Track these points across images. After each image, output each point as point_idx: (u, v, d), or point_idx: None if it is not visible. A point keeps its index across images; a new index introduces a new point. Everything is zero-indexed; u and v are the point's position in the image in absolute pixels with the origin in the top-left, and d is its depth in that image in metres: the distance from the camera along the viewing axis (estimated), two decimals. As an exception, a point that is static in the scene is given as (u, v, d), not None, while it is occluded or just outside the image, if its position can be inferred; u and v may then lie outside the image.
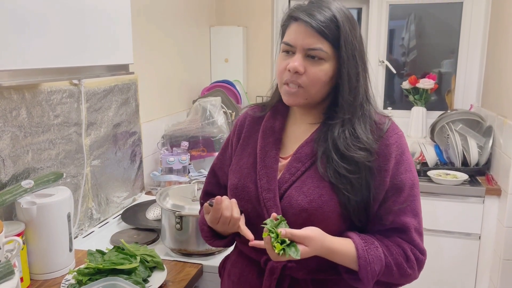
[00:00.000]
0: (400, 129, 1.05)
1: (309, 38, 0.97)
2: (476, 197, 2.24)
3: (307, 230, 0.93)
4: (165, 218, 1.46)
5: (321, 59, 0.98)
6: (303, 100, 1.02)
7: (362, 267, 0.95)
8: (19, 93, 1.33)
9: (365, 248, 0.96)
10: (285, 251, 0.89)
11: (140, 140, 2.05)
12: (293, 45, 0.99)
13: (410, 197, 1.00)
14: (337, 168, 0.97)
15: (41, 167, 1.43)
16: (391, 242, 1.00)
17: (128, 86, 1.92)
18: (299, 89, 1.00)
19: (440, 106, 2.90)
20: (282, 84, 1.03)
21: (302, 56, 0.99)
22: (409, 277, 1.01)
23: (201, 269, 1.40)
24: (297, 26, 0.99)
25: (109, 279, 1.11)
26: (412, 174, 1.02)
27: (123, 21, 1.42)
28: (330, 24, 0.97)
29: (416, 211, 1.01)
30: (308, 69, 0.98)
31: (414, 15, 2.98)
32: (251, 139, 1.13)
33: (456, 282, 2.34)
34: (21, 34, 1.05)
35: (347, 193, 0.97)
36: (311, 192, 0.98)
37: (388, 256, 0.98)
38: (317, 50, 0.97)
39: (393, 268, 0.98)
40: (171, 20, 2.39)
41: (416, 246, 1.01)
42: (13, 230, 1.19)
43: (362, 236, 0.99)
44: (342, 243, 0.97)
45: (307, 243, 0.91)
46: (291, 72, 0.99)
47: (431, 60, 3.02)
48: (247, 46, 3.01)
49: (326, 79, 1.00)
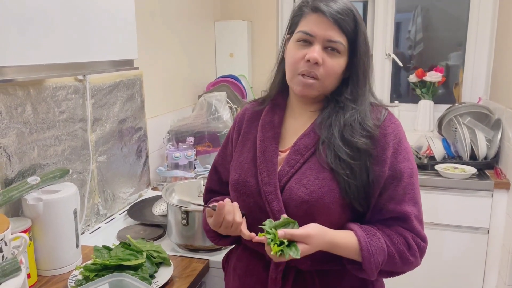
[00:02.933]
0: (397, 118, 1.06)
1: (330, 30, 0.98)
2: (485, 191, 2.22)
3: (307, 229, 0.93)
4: (171, 214, 1.46)
5: (338, 52, 1.00)
6: (316, 92, 1.03)
7: (365, 259, 0.96)
8: (24, 89, 1.33)
9: (367, 240, 0.96)
10: (284, 252, 0.89)
11: (146, 136, 2.05)
12: (313, 35, 0.99)
13: (409, 185, 1.01)
14: (339, 152, 0.98)
15: (47, 164, 1.43)
16: (393, 231, 1.00)
17: (133, 82, 1.91)
18: (315, 81, 1.01)
19: (448, 99, 2.87)
20: (296, 75, 1.02)
21: (320, 47, 0.99)
22: (412, 264, 1.01)
23: (207, 264, 1.40)
24: (317, 17, 0.99)
25: (116, 275, 1.11)
26: (410, 163, 1.02)
27: (127, 17, 1.41)
28: (349, 19, 0.99)
29: (416, 199, 1.02)
30: (326, 61, 1.00)
31: (421, 7, 2.95)
32: (250, 134, 1.13)
33: (465, 276, 2.33)
34: (25, 31, 1.04)
35: (347, 178, 0.97)
36: (311, 183, 0.99)
37: (390, 246, 0.98)
38: (337, 43, 0.99)
39: (395, 257, 0.98)
40: (175, 15, 2.38)
41: (417, 234, 1.01)
42: (20, 226, 1.20)
43: (364, 228, 0.99)
44: (344, 236, 0.97)
45: (307, 241, 0.92)
46: (310, 63, 0.99)
47: (438, 53, 2.98)
48: (252, 40, 2.99)
49: (340, 72, 1.02)
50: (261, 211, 1.03)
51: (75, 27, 1.19)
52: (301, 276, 1.04)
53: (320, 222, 0.97)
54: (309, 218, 0.98)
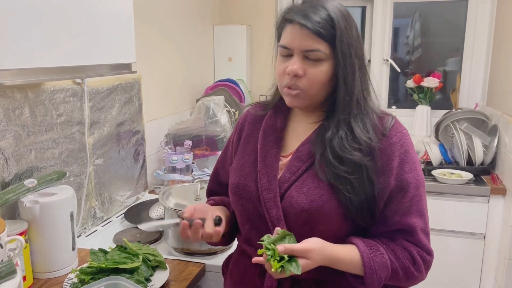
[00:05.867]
0: (404, 127, 1.03)
1: (305, 40, 0.95)
2: (481, 197, 2.22)
3: (308, 243, 0.92)
4: (168, 217, 1.46)
5: (319, 60, 0.96)
6: (306, 101, 1.01)
7: (367, 275, 0.94)
8: (22, 92, 1.33)
9: (370, 256, 0.94)
10: (284, 268, 0.87)
11: (144, 139, 2.05)
12: (290, 47, 0.97)
13: (415, 197, 0.98)
14: (335, 170, 0.95)
15: (44, 166, 1.43)
16: (397, 245, 0.98)
17: (132, 85, 1.92)
18: (300, 91, 0.99)
19: (445, 105, 2.88)
20: (283, 88, 1.01)
21: (300, 59, 0.97)
22: (416, 279, 1.00)
23: (203, 268, 1.40)
24: (292, 29, 0.97)
25: (112, 278, 1.11)
26: (417, 173, 1.00)
27: (125, 20, 1.42)
28: (326, 24, 0.94)
29: (422, 211, 1.00)
30: (307, 71, 0.97)
31: (419, 13, 2.96)
32: (252, 138, 1.12)
33: (461, 281, 2.33)
34: (23, 33, 1.05)
35: (347, 193, 0.95)
36: (312, 192, 0.97)
37: (394, 261, 0.96)
38: (314, 51, 0.95)
39: (399, 273, 0.97)
40: (174, 19, 2.39)
41: (423, 247, 0.99)
42: (16, 229, 1.20)
43: (367, 242, 0.97)
44: (346, 251, 0.95)
45: (308, 256, 0.90)
46: (291, 75, 0.97)
47: (436, 58, 3.00)
48: (251, 45, 3.00)
49: (325, 80, 0.98)
50: (260, 218, 1.02)
51: (73, 30, 1.19)
52: (297, 284, 1.02)
53: (320, 231, 0.96)
54: (309, 227, 0.97)
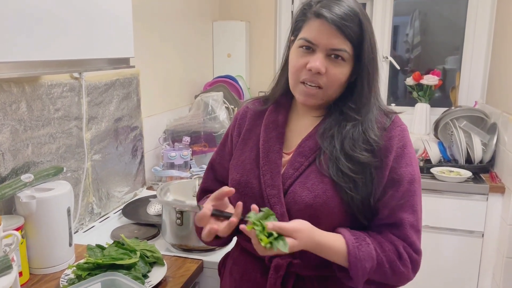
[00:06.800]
0: (403, 122, 1.03)
1: (334, 38, 0.94)
2: (480, 195, 2.22)
3: (296, 222, 0.90)
4: (165, 214, 1.45)
5: (343, 59, 0.96)
6: (320, 101, 1.00)
7: (352, 264, 0.93)
8: (19, 86, 1.32)
9: (355, 245, 0.93)
10: (273, 244, 0.86)
11: (142, 135, 2.04)
12: (315, 43, 0.96)
13: (408, 192, 0.97)
14: (341, 166, 0.95)
15: (41, 161, 1.42)
16: (384, 238, 0.97)
17: (130, 81, 1.91)
18: (318, 90, 0.98)
19: (444, 102, 2.88)
20: (299, 83, 1.00)
21: (323, 56, 0.96)
22: (402, 275, 0.97)
23: (201, 265, 1.39)
24: (320, 23, 0.95)
25: (108, 274, 1.10)
26: (413, 169, 0.99)
27: (123, 14, 1.40)
28: (353, 25, 0.94)
29: (415, 208, 0.98)
30: (329, 70, 0.96)
31: (419, 11, 2.96)
32: (252, 133, 1.11)
33: (459, 280, 2.33)
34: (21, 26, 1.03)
35: (349, 191, 0.94)
36: (315, 187, 0.96)
37: (380, 253, 0.95)
38: (341, 51, 0.95)
39: (385, 265, 0.95)
40: (174, 15, 2.38)
41: (411, 244, 0.97)
42: (12, 224, 1.19)
43: (353, 233, 0.96)
44: (332, 239, 0.94)
45: (296, 236, 0.88)
46: (312, 72, 0.96)
47: (435, 56, 2.99)
48: (250, 41, 2.99)
49: (344, 80, 0.98)
50: None
51: (71, 24, 1.18)
52: (301, 281, 1.01)
53: (324, 226, 0.95)
54: (313, 222, 0.95)
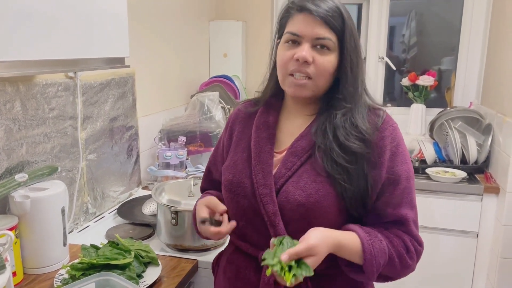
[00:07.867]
0: (394, 121, 1.05)
1: (318, 28, 0.98)
2: (475, 195, 2.23)
3: (308, 240, 0.90)
4: (160, 213, 1.45)
5: (328, 49, 0.99)
6: (310, 92, 1.02)
7: (367, 260, 0.94)
8: (14, 85, 1.32)
9: (370, 242, 0.95)
10: (297, 275, 0.85)
11: (137, 135, 2.04)
12: (301, 35, 0.99)
13: (406, 189, 1.00)
14: (336, 157, 0.97)
15: (35, 161, 1.42)
16: (392, 233, 1.00)
17: (125, 80, 1.90)
18: (308, 81, 1.00)
19: (440, 103, 2.89)
20: (287, 75, 1.02)
21: (309, 46, 0.98)
22: (409, 268, 1.00)
23: (196, 264, 1.39)
24: (304, 16, 0.99)
25: (103, 274, 1.10)
26: (408, 166, 1.02)
27: (118, 13, 1.40)
28: (336, 15, 0.98)
29: (413, 203, 1.02)
30: (316, 59, 0.98)
31: (415, 12, 2.96)
32: (244, 135, 1.13)
33: (454, 280, 2.34)
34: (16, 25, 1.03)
35: (343, 183, 0.96)
36: (308, 186, 0.98)
37: (390, 248, 0.97)
38: (326, 39, 0.98)
39: (395, 260, 0.97)
40: (170, 14, 2.37)
41: (415, 238, 1.01)
42: (6, 224, 1.18)
43: (365, 229, 0.98)
44: (347, 238, 0.95)
45: (313, 252, 0.89)
46: (300, 62, 0.98)
47: (431, 57, 3.00)
48: (246, 41, 2.99)
49: (332, 70, 1.00)
50: (256, 214, 1.01)
51: (66, 23, 1.18)
52: None
53: (316, 225, 0.95)
54: (305, 222, 0.97)
